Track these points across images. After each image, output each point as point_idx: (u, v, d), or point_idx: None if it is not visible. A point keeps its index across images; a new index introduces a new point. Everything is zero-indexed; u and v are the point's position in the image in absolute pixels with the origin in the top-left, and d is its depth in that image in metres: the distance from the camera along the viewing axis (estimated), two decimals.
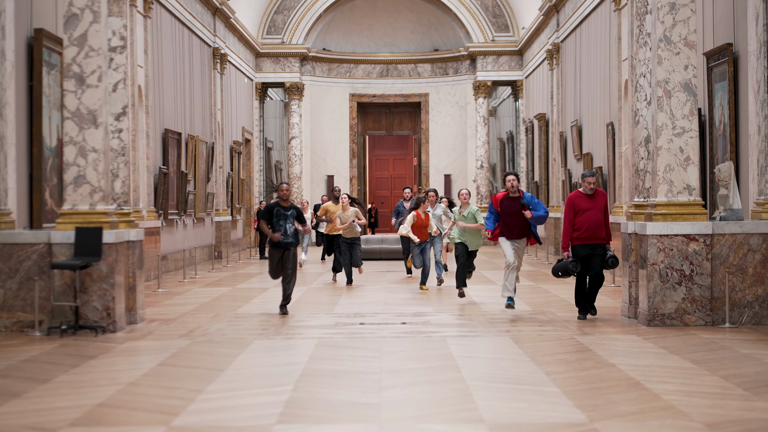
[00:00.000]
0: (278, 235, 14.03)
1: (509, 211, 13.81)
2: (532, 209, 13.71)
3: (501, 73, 35.65)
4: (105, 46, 12.45)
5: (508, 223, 13.84)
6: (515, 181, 13.88)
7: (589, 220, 13.18)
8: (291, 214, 14.39)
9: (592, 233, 13.18)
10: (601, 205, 13.32)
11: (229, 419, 7.38)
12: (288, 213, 14.38)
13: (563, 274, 13.31)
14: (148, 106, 20.57)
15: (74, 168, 12.32)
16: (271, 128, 36.12)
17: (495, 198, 14.02)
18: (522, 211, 13.74)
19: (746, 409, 7.52)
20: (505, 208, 13.84)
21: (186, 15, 24.60)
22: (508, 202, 13.85)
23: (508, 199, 13.86)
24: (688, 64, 12.39)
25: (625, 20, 20.38)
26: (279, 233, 14.08)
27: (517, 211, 13.77)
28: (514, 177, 13.92)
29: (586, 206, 13.24)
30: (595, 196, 13.35)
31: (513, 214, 13.78)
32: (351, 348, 11.02)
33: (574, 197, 13.41)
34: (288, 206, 14.44)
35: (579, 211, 13.25)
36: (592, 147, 24.31)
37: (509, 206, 13.83)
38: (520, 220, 13.80)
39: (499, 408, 7.69)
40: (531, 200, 13.80)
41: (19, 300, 12.16)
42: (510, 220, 13.81)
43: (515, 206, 13.79)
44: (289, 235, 14.26)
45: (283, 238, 14.18)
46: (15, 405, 7.86)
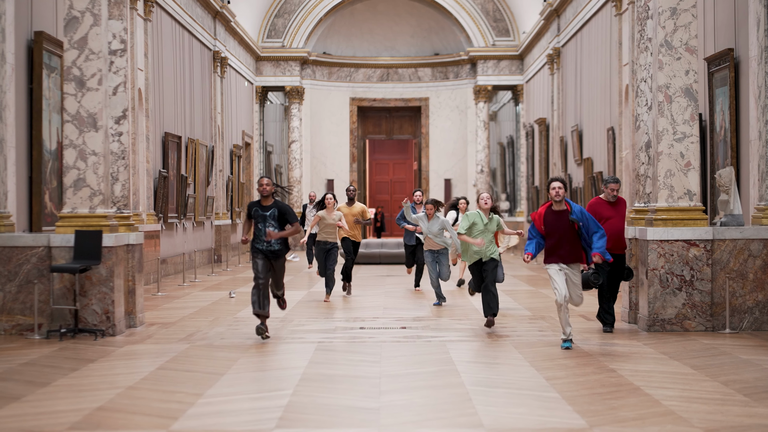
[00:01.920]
0: (244, 238, 12.19)
1: (554, 227, 11.08)
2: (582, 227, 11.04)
3: (501, 77, 35.65)
4: (105, 49, 12.44)
5: (553, 244, 11.10)
6: (561, 189, 11.05)
7: (611, 229, 12.24)
8: (271, 215, 11.97)
9: (614, 243, 12.26)
10: (623, 213, 12.51)
11: (229, 423, 7.36)
12: (267, 214, 11.97)
13: (585, 287, 11.56)
14: (148, 109, 20.56)
15: (74, 171, 12.31)
16: (272, 132, 36.12)
17: (537, 215, 11.19)
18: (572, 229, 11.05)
19: (746, 415, 7.50)
20: (550, 225, 11.10)
21: (186, 18, 24.60)
22: (553, 217, 11.11)
23: (552, 214, 11.12)
24: (689, 69, 12.38)
25: (626, 25, 20.38)
26: (245, 237, 12.19)
27: (564, 227, 11.05)
28: (560, 184, 11.07)
29: (609, 214, 12.38)
30: (617, 203, 12.51)
31: (560, 231, 11.06)
32: (350, 352, 11.01)
33: (596, 204, 12.51)
34: (269, 205, 12.03)
35: (601, 219, 12.23)
36: (593, 152, 24.30)
37: (554, 222, 11.10)
38: (569, 239, 11.07)
39: (499, 413, 7.68)
40: (582, 216, 11.05)
41: (19, 303, 12.14)
42: (556, 239, 11.10)
43: (562, 222, 11.08)
44: (272, 242, 11.99)
45: (265, 245, 11.99)
46: (14, 408, 7.84)
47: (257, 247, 12.02)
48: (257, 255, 12.01)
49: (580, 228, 11.02)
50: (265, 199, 12.04)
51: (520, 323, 13.30)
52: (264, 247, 11.98)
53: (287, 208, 12.02)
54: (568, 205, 11.13)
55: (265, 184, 11.99)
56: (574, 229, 11.05)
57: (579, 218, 11.01)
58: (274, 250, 12.02)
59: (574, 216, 11.03)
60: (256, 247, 12.03)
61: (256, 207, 12.04)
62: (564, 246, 11.07)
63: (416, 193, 18.28)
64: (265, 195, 12.00)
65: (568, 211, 11.10)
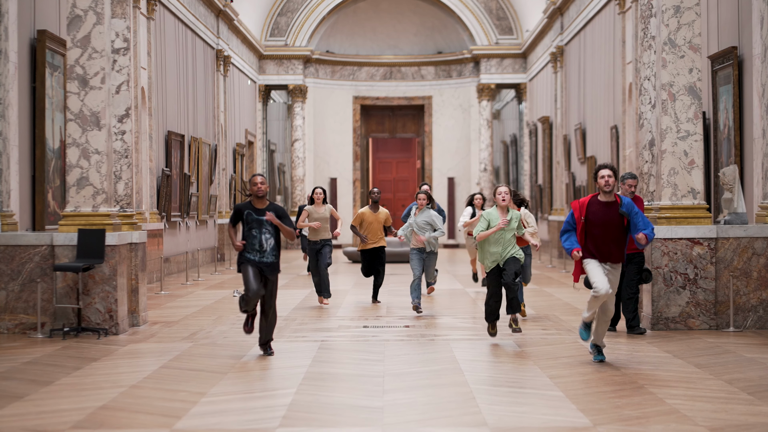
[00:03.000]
0: (239, 244, 10.27)
1: (600, 220, 9.76)
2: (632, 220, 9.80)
3: (505, 75, 35.62)
4: (108, 48, 12.44)
5: (596, 239, 9.78)
6: (612, 177, 9.78)
7: None
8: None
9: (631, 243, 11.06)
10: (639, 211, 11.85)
11: (232, 422, 7.36)
12: (263, 218, 10.33)
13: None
14: (151, 108, 20.56)
15: (77, 170, 12.30)
16: (275, 130, 36.12)
17: (579, 204, 9.92)
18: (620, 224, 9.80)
19: (750, 413, 7.49)
20: (595, 216, 9.77)
21: (189, 17, 24.59)
22: (599, 208, 9.80)
23: (599, 205, 9.82)
24: (693, 68, 12.36)
25: (630, 23, 20.35)
26: (241, 242, 10.30)
27: (611, 221, 9.76)
28: (609, 172, 9.80)
29: None
30: (634, 201, 11.71)
31: (605, 225, 9.76)
32: (354, 351, 11.00)
33: None
34: (264, 207, 10.37)
35: None
36: (596, 150, 24.28)
37: (600, 214, 9.77)
38: (615, 235, 9.77)
39: (503, 412, 7.67)
40: (631, 209, 9.79)
41: (22, 302, 12.14)
42: (600, 234, 9.77)
43: (610, 215, 9.78)
44: (266, 251, 10.29)
45: (258, 256, 10.28)
46: (17, 407, 7.83)
47: (249, 257, 10.27)
48: (247, 264, 10.31)
49: (628, 224, 9.80)
50: (259, 200, 10.38)
51: (523, 322, 13.28)
52: (257, 259, 10.28)
53: (284, 211, 10.52)
54: (617, 198, 9.84)
55: (260, 182, 10.37)
56: (623, 225, 9.79)
57: (628, 211, 9.75)
58: (269, 263, 10.32)
59: (624, 208, 9.74)
60: (248, 257, 10.28)
61: (249, 210, 10.33)
62: (608, 243, 9.77)
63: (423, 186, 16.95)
64: (261, 195, 10.36)
65: (617, 203, 9.80)
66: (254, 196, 10.35)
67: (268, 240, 10.26)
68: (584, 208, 9.81)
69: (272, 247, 10.28)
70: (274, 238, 10.30)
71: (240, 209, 10.37)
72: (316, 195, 15.64)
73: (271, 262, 10.29)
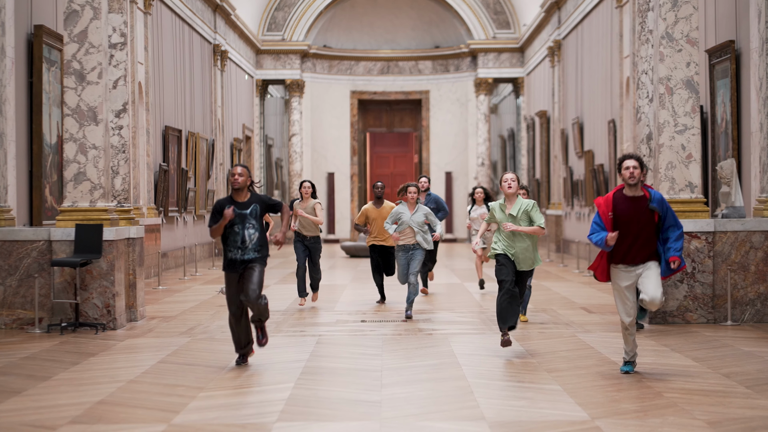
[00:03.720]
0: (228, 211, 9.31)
1: (626, 217, 8.76)
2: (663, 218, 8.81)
3: (502, 70, 35.60)
4: (105, 43, 12.42)
5: (625, 239, 8.79)
6: (637, 169, 8.72)
7: None
8: (252, 212, 9.49)
9: None
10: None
11: (230, 417, 7.36)
12: (247, 212, 9.47)
13: None
14: (149, 102, 20.54)
15: (74, 165, 12.29)
16: (272, 125, 36.10)
17: (604, 200, 8.89)
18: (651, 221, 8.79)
19: (748, 407, 7.49)
20: (621, 211, 8.78)
21: (186, 12, 24.56)
22: (626, 204, 8.79)
23: (626, 200, 8.81)
24: (690, 61, 12.36)
25: (627, 17, 20.35)
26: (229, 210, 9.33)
27: (641, 218, 8.75)
28: (635, 163, 8.72)
29: None
30: None
31: (635, 223, 8.76)
32: (352, 345, 11.01)
33: None
34: (246, 201, 9.53)
35: None
36: (594, 144, 24.28)
37: (628, 212, 8.77)
38: (645, 235, 8.77)
39: (501, 406, 7.67)
40: (662, 206, 8.80)
41: (19, 297, 12.14)
42: (627, 235, 8.78)
43: (639, 211, 8.78)
44: (249, 248, 9.47)
45: (239, 253, 9.47)
46: (15, 402, 7.83)
47: (232, 257, 9.54)
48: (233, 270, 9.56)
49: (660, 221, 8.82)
50: (239, 193, 9.52)
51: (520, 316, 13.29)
52: (238, 257, 9.49)
53: (268, 198, 9.66)
54: (645, 191, 8.81)
55: (239, 174, 9.48)
56: (654, 222, 8.78)
57: (659, 208, 8.76)
58: (250, 260, 9.50)
59: (654, 203, 8.74)
60: (231, 257, 9.54)
61: (229, 205, 9.47)
62: (638, 243, 8.78)
63: (422, 179, 16.29)
64: (238, 188, 9.49)
65: (646, 197, 8.78)
66: (233, 188, 9.53)
67: (252, 235, 9.46)
68: (610, 203, 8.81)
69: (255, 242, 9.45)
70: (258, 233, 9.49)
71: (221, 205, 9.49)
72: (304, 189, 14.86)
73: (251, 258, 9.46)
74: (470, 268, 22.44)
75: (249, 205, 9.49)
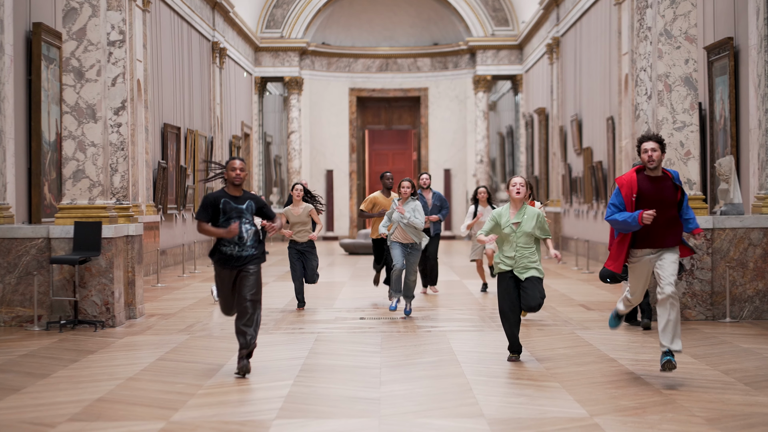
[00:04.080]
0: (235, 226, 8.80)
1: (651, 197, 8.41)
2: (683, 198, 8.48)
3: (501, 67, 35.60)
4: (104, 41, 12.42)
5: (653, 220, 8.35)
6: (656, 152, 8.38)
7: None
8: (248, 207, 8.97)
9: None
10: None
11: (229, 414, 7.36)
12: (243, 207, 8.94)
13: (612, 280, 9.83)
14: (147, 100, 20.53)
15: (73, 162, 12.29)
16: (271, 123, 36.09)
17: (627, 179, 8.53)
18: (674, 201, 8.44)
19: (747, 403, 7.50)
20: (646, 192, 8.43)
21: (185, 9, 24.55)
22: (649, 184, 8.44)
23: (648, 180, 8.45)
24: (689, 58, 12.36)
25: (626, 14, 20.34)
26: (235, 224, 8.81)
27: (666, 198, 8.40)
28: (654, 145, 8.39)
29: None
30: None
31: (659, 203, 8.38)
32: (351, 343, 11.01)
33: None
34: (241, 196, 8.99)
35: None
36: (592, 141, 24.28)
37: (651, 192, 8.43)
38: (670, 215, 8.43)
39: (500, 402, 7.68)
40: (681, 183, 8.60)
41: (18, 295, 12.14)
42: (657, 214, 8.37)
43: (663, 192, 8.44)
44: (247, 244, 8.92)
45: (236, 249, 8.91)
46: (14, 400, 7.84)
47: (228, 252, 8.95)
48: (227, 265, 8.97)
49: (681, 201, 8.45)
50: (235, 188, 9.00)
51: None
52: (235, 252, 8.91)
53: (262, 200, 9.15)
54: (666, 171, 8.52)
55: (240, 168, 8.95)
56: (676, 202, 8.45)
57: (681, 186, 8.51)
58: (248, 256, 8.93)
59: (679, 182, 8.47)
60: (227, 252, 8.96)
61: (226, 199, 8.92)
62: (661, 225, 8.39)
63: (423, 176, 15.72)
64: (238, 184, 8.98)
65: (669, 177, 8.48)
66: (230, 183, 8.94)
67: (248, 231, 8.90)
68: (634, 183, 8.40)
69: (252, 238, 8.93)
70: (254, 228, 8.99)
71: (215, 199, 8.89)
72: (296, 192, 14.00)
73: (251, 254, 8.91)
74: (469, 265, 22.45)
75: (244, 200, 8.94)
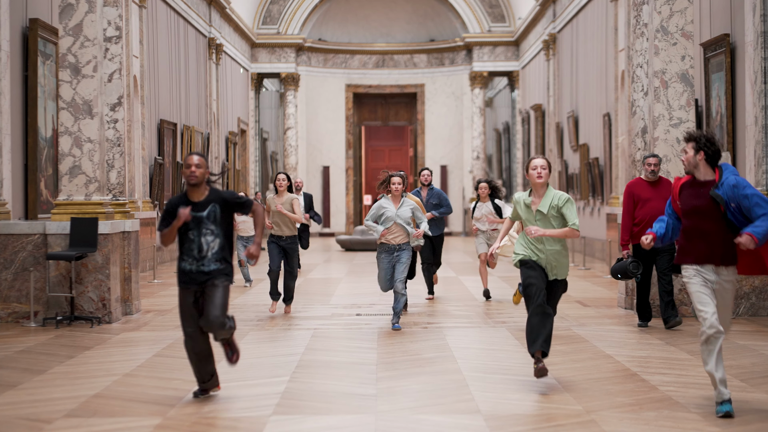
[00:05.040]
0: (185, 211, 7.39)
1: (691, 206, 7.24)
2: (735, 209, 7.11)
3: (497, 63, 35.60)
4: (100, 36, 12.40)
5: (689, 231, 7.27)
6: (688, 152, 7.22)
7: (651, 213, 10.99)
8: (210, 215, 7.55)
9: None
10: (666, 194, 10.96)
11: (225, 410, 7.36)
12: (203, 215, 7.54)
13: (623, 276, 10.51)
14: (144, 96, 20.52)
15: (69, 158, 12.28)
16: (267, 119, 36.07)
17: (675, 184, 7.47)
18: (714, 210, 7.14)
19: (743, 400, 7.51)
20: (686, 201, 7.27)
21: (181, 5, 24.53)
22: (690, 191, 7.28)
23: (690, 185, 7.29)
24: (685, 55, 12.36)
25: (622, 10, 20.34)
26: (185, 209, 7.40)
27: (702, 209, 7.17)
28: (689, 144, 7.24)
29: (647, 196, 11.18)
30: (659, 183, 11.29)
31: (699, 213, 7.18)
32: (347, 339, 11.01)
33: (634, 185, 11.33)
34: (203, 200, 7.57)
35: (639, 201, 11.17)
36: (589, 138, 24.29)
37: (689, 197, 7.26)
38: (710, 227, 7.18)
39: (496, 399, 7.68)
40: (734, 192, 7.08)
41: (15, 291, 12.13)
42: (694, 225, 7.23)
43: (699, 199, 7.20)
44: (209, 257, 7.56)
45: (195, 264, 7.55)
46: (10, 396, 7.83)
47: (187, 268, 7.61)
48: (187, 285, 7.61)
49: (734, 210, 7.10)
50: (195, 190, 7.58)
51: (516, 309, 13.29)
52: (195, 268, 7.57)
53: (231, 195, 7.68)
54: (717, 174, 7.18)
55: (195, 165, 7.49)
56: (719, 211, 7.14)
57: (728, 196, 7.08)
58: (210, 272, 7.56)
59: (720, 192, 7.10)
60: (186, 268, 7.61)
61: (184, 205, 7.56)
62: (703, 237, 7.18)
63: (424, 171, 14.60)
64: (194, 183, 7.53)
65: (714, 182, 7.17)
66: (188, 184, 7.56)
67: (210, 243, 7.56)
68: (676, 190, 7.38)
69: (216, 252, 7.56)
70: (220, 239, 7.57)
71: (173, 206, 7.59)
72: (279, 182, 13.06)
73: (212, 270, 7.55)
74: (465, 261, 22.46)
75: (206, 205, 7.56)
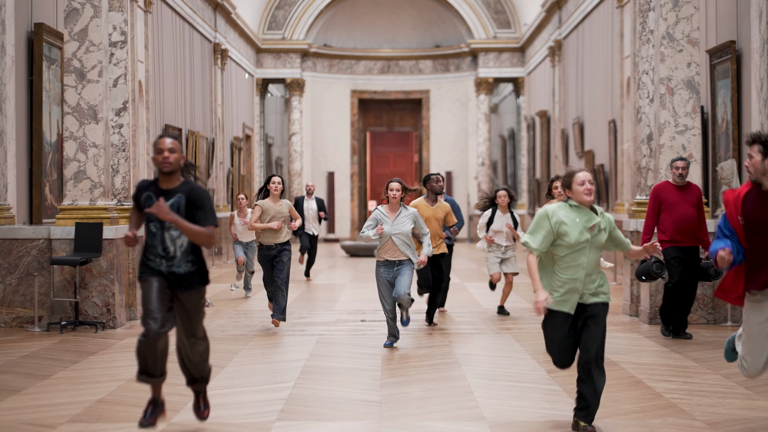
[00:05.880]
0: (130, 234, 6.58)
1: (755, 220, 6.37)
2: None
3: (502, 69, 35.58)
4: (105, 41, 12.41)
5: (757, 254, 6.38)
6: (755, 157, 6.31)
7: (675, 217, 11.02)
8: (175, 204, 6.52)
9: (681, 234, 11.01)
10: (693, 199, 11.10)
11: (229, 416, 7.35)
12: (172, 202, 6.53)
13: (647, 278, 10.45)
14: (149, 101, 20.52)
15: (74, 163, 12.28)
16: (272, 124, 36.09)
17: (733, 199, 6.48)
18: None
19: (748, 407, 7.49)
20: (751, 213, 6.37)
21: (187, 10, 24.55)
22: (756, 203, 6.38)
23: (758, 197, 6.39)
24: (691, 62, 12.35)
25: (628, 17, 20.33)
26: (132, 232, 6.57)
27: None
28: (756, 147, 6.30)
29: (673, 200, 11.12)
30: (687, 188, 11.23)
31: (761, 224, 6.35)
32: (351, 345, 11.00)
33: (661, 188, 11.23)
34: (172, 189, 6.58)
35: (665, 205, 11.10)
36: (594, 144, 24.27)
37: (757, 210, 6.36)
38: None
39: (500, 406, 7.67)
40: None
41: (19, 296, 12.13)
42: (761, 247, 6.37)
43: None
44: (177, 257, 6.59)
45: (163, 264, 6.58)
46: (14, 401, 7.83)
47: (150, 264, 6.64)
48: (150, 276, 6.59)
49: None
50: (167, 177, 6.58)
51: (521, 316, 13.28)
52: (164, 268, 6.61)
53: (202, 196, 6.57)
54: None
55: (168, 149, 6.51)
56: None
57: None
58: (180, 274, 6.60)
59: None
60: (148, 264, 6.64)
61: (149, 193, 6.62)
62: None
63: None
64: (167, 171, 6.54)
65: None
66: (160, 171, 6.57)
67: (176, 240, 6.58)
68: (740, 201, 6.40)
69: (185, 252, 6.60)
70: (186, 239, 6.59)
71: (139, 190, 6.70)
72: (274, 186, 11.98)
73: (184, 272, 6.61)
74: (470, 268, 22.43)
75: (173, 194, 6.57)
